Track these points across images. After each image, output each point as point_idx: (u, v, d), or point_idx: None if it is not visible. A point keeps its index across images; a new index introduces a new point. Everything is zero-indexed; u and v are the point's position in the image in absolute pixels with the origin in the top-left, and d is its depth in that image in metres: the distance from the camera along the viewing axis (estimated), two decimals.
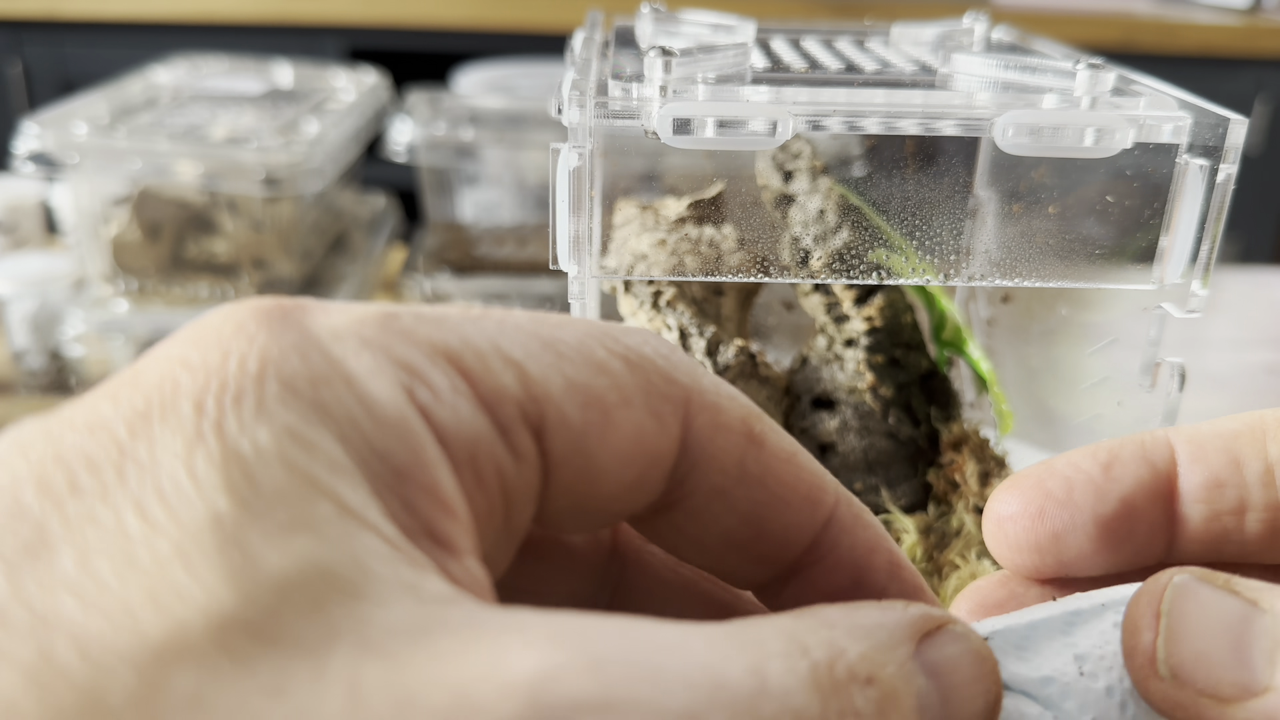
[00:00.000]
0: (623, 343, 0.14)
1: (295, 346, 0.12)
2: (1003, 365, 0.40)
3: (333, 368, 0.12)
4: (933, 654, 0.14)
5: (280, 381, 0.11)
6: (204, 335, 0.12)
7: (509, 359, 0.13)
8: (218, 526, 0.10)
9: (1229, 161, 0.29)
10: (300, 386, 0.12)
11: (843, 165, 0.34)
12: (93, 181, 0.57)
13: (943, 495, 0.35)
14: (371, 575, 0.11)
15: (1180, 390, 0.32)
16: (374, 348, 0.12)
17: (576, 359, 0.13)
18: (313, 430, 0.11)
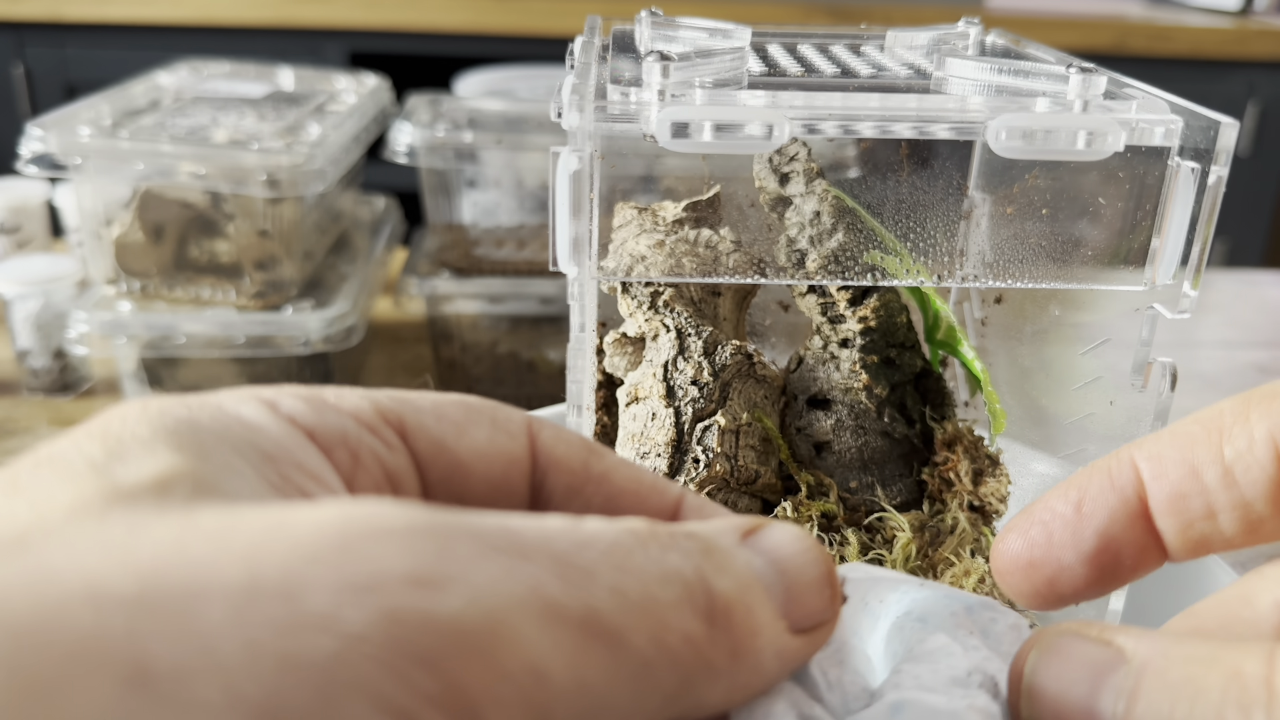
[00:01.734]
0: (457, 401, 0.17)
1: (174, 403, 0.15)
2: (996, 365, 0.41)
3: (205, 402, 0.15)
4: (759, 542, 0.16)
5: (162, 413, 0.14)
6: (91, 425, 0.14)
7: (362, 395, 0.16)
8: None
9: (1219, 164, 0.29)
10: (178, 414, 0.14)
11: (838, 168, 0.34)
12: (96, 183, 0.57)
13: (937, 493, 0.36)
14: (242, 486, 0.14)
15: (1172, 390, 0.32)
16: (240, 396, 0.15)
17: (421, 402, 0.17)
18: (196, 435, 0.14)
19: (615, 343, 0.36)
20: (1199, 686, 0.15)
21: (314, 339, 0.58)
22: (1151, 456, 0.19)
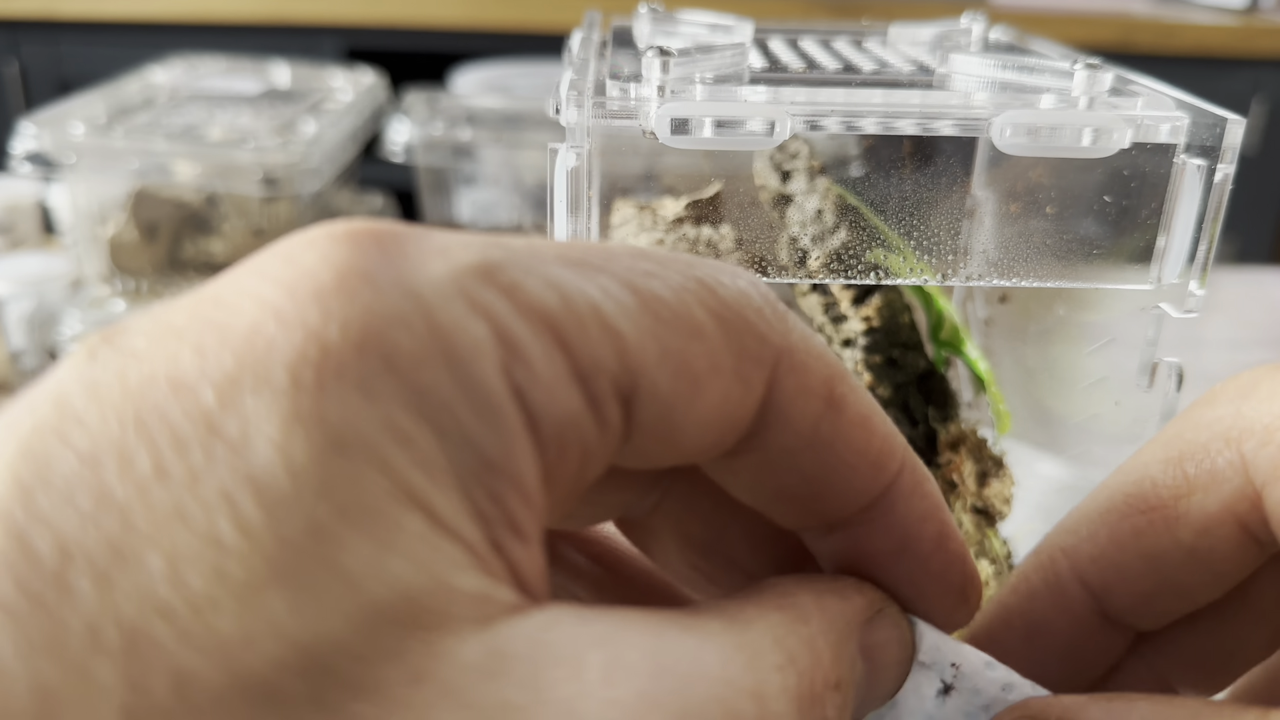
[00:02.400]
0: (721, 298, 0.13)
1: (399, 313, 0.11)
2: (1000, 365, 0.40)
3: (435, 342, 0.11)
4: (869, 638, 0.15)
5: (383, 358, 0.11)
6: (298, 279, 0.11)
7: (608, 327, 0.12)
8: (315, 541, 0.10)
9: (1226, 161, 0.29)
10: (403, 365, 0.11)
11: (840, 165, 0.34)
12: (90, 181, 0.57)
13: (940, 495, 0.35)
14: (452, 595, 0.11)
15: (1178, 390, 0.32)
16: (478, 313, 0.11)
17: (674, 322, 0.13)
18: (412, 422, 0.11)
19: None
20: None
21: None
22: (1099, 562, 0.18)
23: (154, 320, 0.11)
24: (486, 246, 0.12)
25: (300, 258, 0.11)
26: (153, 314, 0.12)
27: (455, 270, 0.12)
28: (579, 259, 0.13)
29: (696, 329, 0.13)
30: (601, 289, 0.12)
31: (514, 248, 0.12)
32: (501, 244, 0.12)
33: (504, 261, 0.12)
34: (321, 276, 0.11)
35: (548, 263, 0.12)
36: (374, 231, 0.12)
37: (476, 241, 0.12)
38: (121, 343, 0.11)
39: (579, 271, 0.12)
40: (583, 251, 0.13)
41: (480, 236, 0.13)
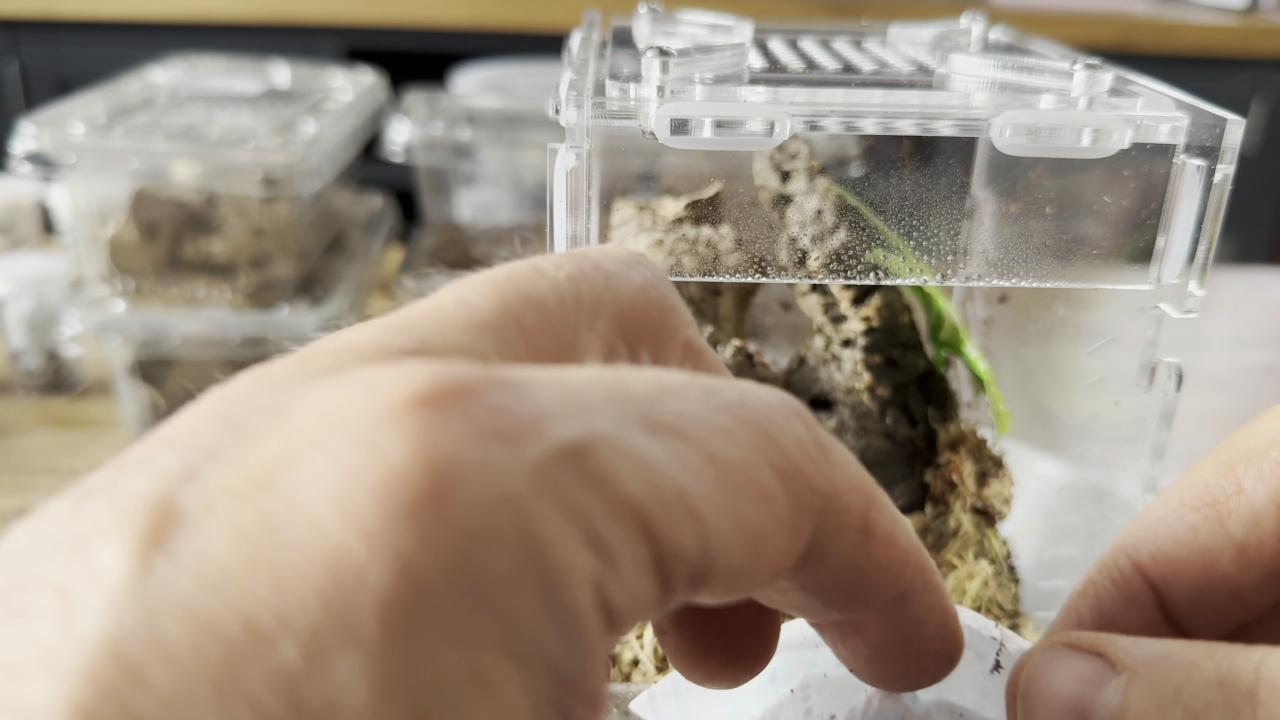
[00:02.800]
0: (783, 450, 0.13)
1: (494, 529, 0.10)
2: (1000, 365, 0.40)
3: (528, 562, 0.11)
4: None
5: (475, 591, 0.10)
6: (384, 481, 0.10)
7: (692, 511, 0.12)
8: None
9: (1226, 162, 0.29)
10: (494, 595, 0.10)
11: (840, 165, 0.34)
12: (90, 181, 0.57)
13: (940, 495, 0.35)
14: None
15: (1177, 390, 0.32)
16: (571, 518, 0.11)
17: (746, 490, 0.13)
18: (496, 662, 0.10)
19: None
20: (1185, 695, 0.15)
21: (310, 339, 0.58)
22: (1158, 558, 0.19)
23: (212, 508, 0.10)
24: (574, 413, 0.12)
25: (381, 443, 0.11)
26: (205, 485, 0.11)
27: (547, 458, 0.11)
28: (661, 422, 0.12)
29: (765, 493, 0.13)
30: (683, 463, 0.12)
31: (599, 409, 0.12)
32: (586, 404, 0.12)
33: (592, 440, 0.11)
34: (411, 478, 0.10)
35: (633, 430, 0.12)
36: (457, 396, 0.11)
37: (562, 402, 0.12)
38: (178, 545, 0.10)
39: (662, 441, 0.12)
40: (664, 407, 0.12)
41: (561, 387, 0.12)
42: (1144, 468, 0.33)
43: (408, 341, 0.13)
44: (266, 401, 0.12)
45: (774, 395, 0.14)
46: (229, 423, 0.12)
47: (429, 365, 0.12)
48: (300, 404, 0.12)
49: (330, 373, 0.13)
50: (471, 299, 0.14)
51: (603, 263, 0.15)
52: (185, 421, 0.12)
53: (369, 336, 0.14)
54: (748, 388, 0.14)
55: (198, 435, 0.12)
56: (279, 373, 0.13)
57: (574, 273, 0.15)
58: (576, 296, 0.15)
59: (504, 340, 0.14)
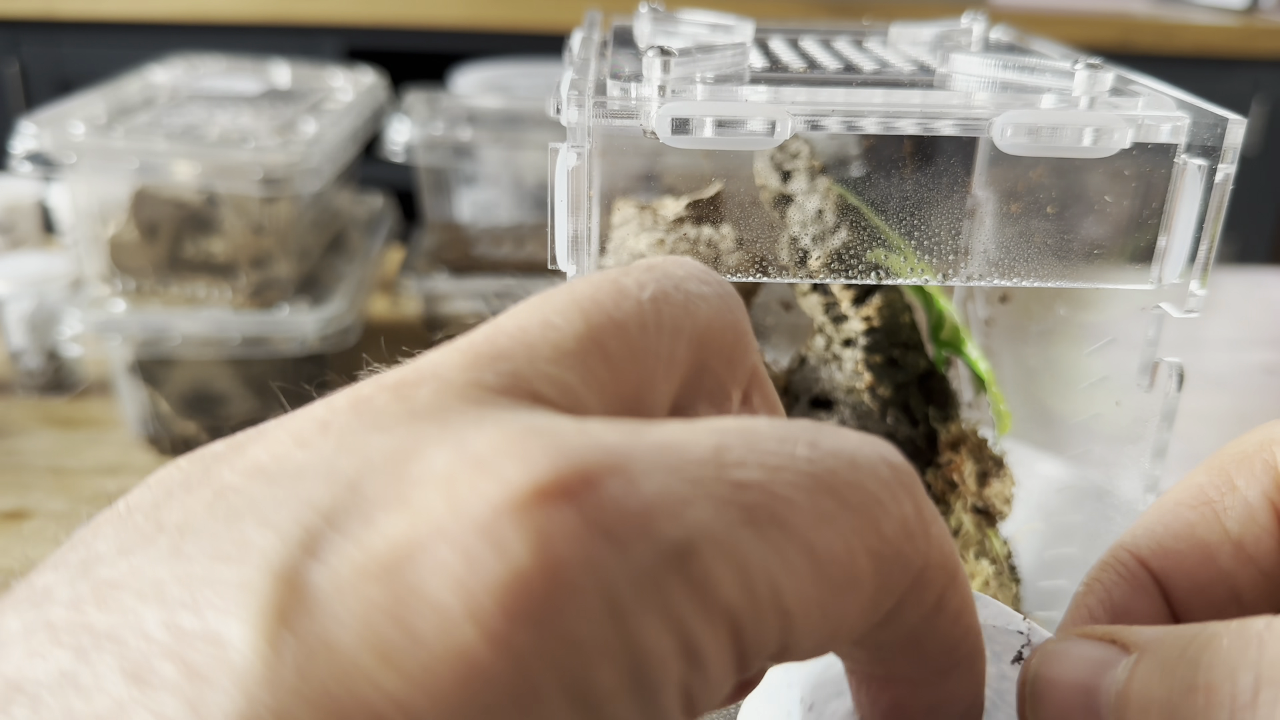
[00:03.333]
0: (883, 535, 0.13)
1: (601, 642, 0.11)
2: (1001, 365, 0.40)
3: (627, 665, 0.11)
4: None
5: (579, 695, 0.11)
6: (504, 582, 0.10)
7: (782, 611, 0.12)
8: None
9: (1227, 161, 0.29)
10: (596, 699, 0.11)
11: (841, 165, 0.34)
12: (90, 181, 0.57)
13: (941, 495, 0.35)
14: None
15: (1178, 390, 0.32)
16: (669, 626, 0.11)
17: (839, 581, 0.13)
18: None
19: None
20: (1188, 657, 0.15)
21: (310, 338, 0.58)
22: (1158, 553, 0.19)
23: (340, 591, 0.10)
24: (682, 505, 0.12)
25: (505, 539, 0.11)
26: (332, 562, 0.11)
27: (654, 562, 0.11)
28: (766, 511, 0.12)
29: (857, 582, 0.13)
30: (782, 559, 0.12)
31: (706, 498, 0.12)
32: (695, 493, 0.12)
33: (697, 543, 0.12)
34: (531, 581, 0.11)
35: (737, 524, 0.12)
36: (574, 489, 0.11)
37: (672, 491, 0.12)
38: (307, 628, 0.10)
39: (764, 535, 0.12)
40: (770, 490, 0.12)
41: (673, 467, 0.12)
42: (1145, 468, 0.33)
43: (500, 379, 0.13)
44: (380, 455, 0.12)
45: (885, 464, 0.13)
46: (345, 481, 0.12)
47: (544, 443, 0.12)
48: (418, 470, 0.12)
49: (438, 420, 0.12)
50: (557, 323, 0.14)
51: (683, 282, 0.15)
52: (289, 457, 0.12)
53: (460, 365, 0.13)
54: (862, 457, 0.13)
55: (311, 490, 0.11)
56: (384, 409, 0.13)
57: (656, 294, 0.15)
58: (658, 320, 0.14)
59: (589, 370, 0.14)
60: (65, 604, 0.11)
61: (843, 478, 0.13)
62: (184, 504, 0.12)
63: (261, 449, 0.12)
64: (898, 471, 0.14)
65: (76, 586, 0.11)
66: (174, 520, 0.12)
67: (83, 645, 0.11)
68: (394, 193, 0.81)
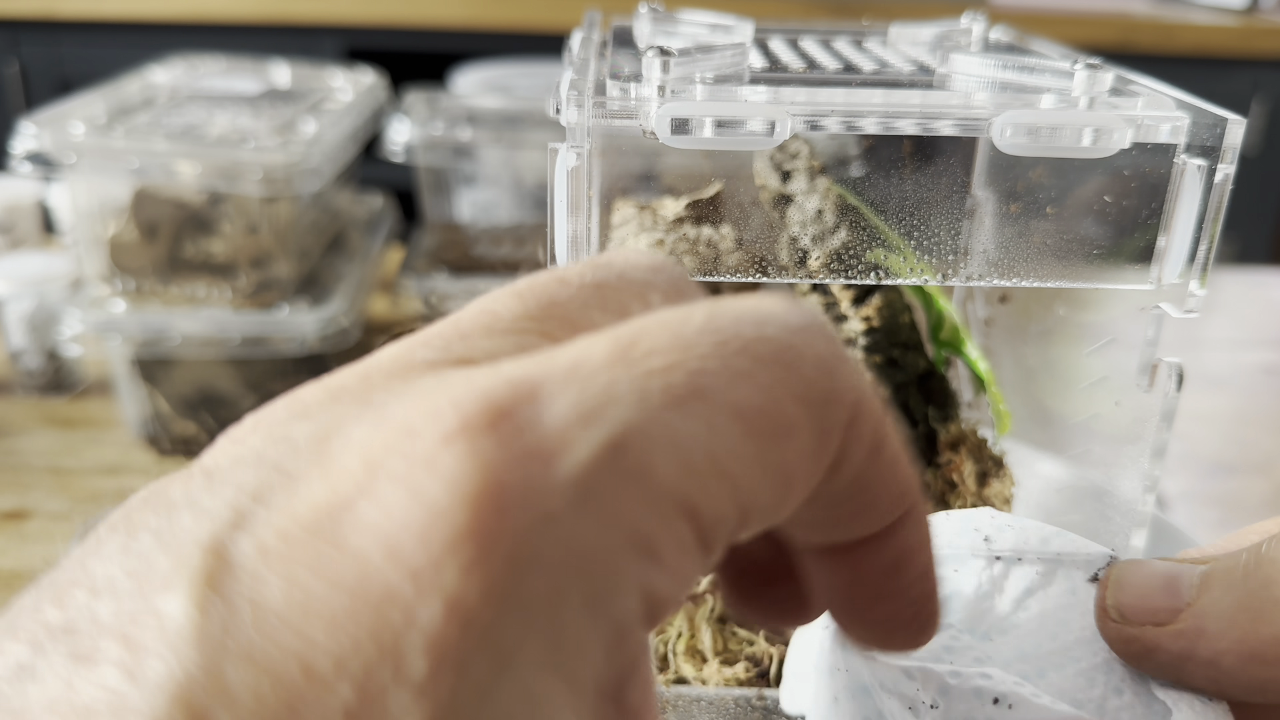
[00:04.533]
0: (805, 377, 0.13)
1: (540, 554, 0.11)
2: (1000, 365, 0.40)
3: (574, 575, 0.11)
4: None
5: (521, 616, 0.11)
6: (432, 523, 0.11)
7: (725, 475, 0.12)
8: None
9: (1227, 161, 0.29)
10: (542, 617, 0.11)
11: (841, 165, 0.34)
12: (90, 181, 0.57)
13: (940, 495, 0.35)
14: None
15: (1178, 390, 0.32)
16: (614, 525, 0.11)
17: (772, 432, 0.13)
18: (545, 683, 0.11)
19: None
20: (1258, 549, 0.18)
21: (310, 339, 0.58)
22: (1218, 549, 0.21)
23: (265, 554, 0.11)
24: (599, 406, 0.12)
25: (420, 485, 0.11)
26: (256, 530, 0.11)
27: (584, 468, 0.11)
28: (683, 388, 0.12)
29: (790, 428, 0.13)
30: (710, 427, 0.12)
31: (621, 393, 0.12)
32: (608, 392, 0.12)
33: (623, 437, 0.12)
34: (452, 515, 0.11)
35: (659, 408, 0.12)
36: (486, 421, 0.11)
37: (585, 397, 0.12)
38: (235, 591, 0.11)
39: (687, 410, 0.12)
40: (682, 369, 0.12)
41: (581, 376, 0.12)
42: (1144, 468, 0.33)
43: (429, 352, 0.13)
44: (304, 439, 0.12)
45: (788, 311, 0.14)
46: (270, 464, 0.12)
47: (452, 390, 0.12)
48: (339, 443, 0.12)
49: (360, 399, 0.13)
50: (494, 308, 0.14)
51: (626, 270, 0.15)
52: (224, 456, 0.13)
53: (393, 353, 0.14)
54: (761, 311, 0.13)
55: (241, 476, 0.12)
56: (311, 400, 0.13)
57: (598, 280, 0.15)
58: (601, 302, 0.15)
59: (524, 341, 0.14)
60: (27, 609, 0.12)
61: (749, 335, 0.13)
62: (135, 511, 0.12)
63: (206, 455, 0.13)
64: (804, 315, 0.14)
65: (39, 594, 0.12)
66: (124, 524, 0.12)
67: (38, 639, 0.11)
68: (394, 193, 0.81)
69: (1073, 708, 0.19)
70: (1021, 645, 0.20)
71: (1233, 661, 0.18)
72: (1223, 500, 0.54)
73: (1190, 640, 0.18)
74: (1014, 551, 0.21)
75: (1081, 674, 0.20)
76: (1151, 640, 0.19)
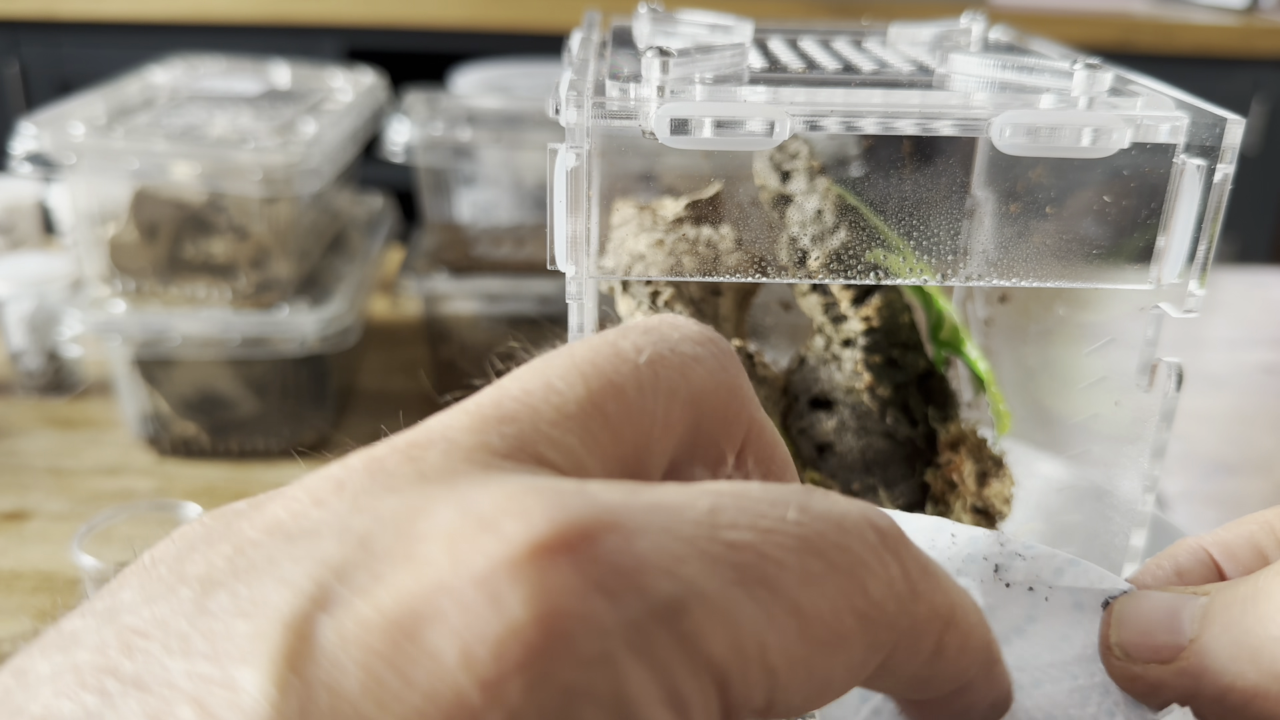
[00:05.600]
0: (871, 598, 0.14)
1: (586, 686, 0.11)
2: (1000, 365, 0.40)
3: (615, 714, 0.11)
4: None
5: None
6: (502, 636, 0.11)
7: (768, 668, 0.13)
8: None
9: (1226, 161, 0.29)
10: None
11: (840, 165, 0.34)
12: (90, 182, 0.57)
13: (940, 495, 0.35)
14: None
15: (1177, 390, 0.32)
16: (656, 676, 0.12)
17: (825, 640, 0.13)
18: None
19: None
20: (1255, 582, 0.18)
21: (310, 339, 0.58)
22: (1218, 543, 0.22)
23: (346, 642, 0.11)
24: (675, 563, 0.12)
25: (502, 594, 0.11)
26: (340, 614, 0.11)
27: (645, 616, 0.12)
28: (756, 572, 0.13)
29: (843, 642, 0.13)
30: (769, 617, 0.13)
31: (699, 557, 0.12)
32: (688, 551, 0.12)
33: (688, 599, 0.12)
34: (525, 634, 0.11)
35: (728, 583, 0.12)
36: (571, 544, 0.12)
37: (666, 549, 0.12)
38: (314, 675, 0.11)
39: (752, 594, 0.13)
40: (759, 552, 0.13)
41: (667, 527, 0.12)
42: (1144, 467, 0.33)
43: (505, 442, 0.14)
44: (389, 514, 0.13)
45: (871, 528, 0.14)
46: (355, 538, 0.12)
47: (545, 502, 0.12)
48: (425, 527, 0.12)
49: (443, 478, 0.13)
50: (559, 387, 0.15)
51: (679, 344, 0.16)
52: (305, 517, 0.13)
53: (468, 428, 0.14)
54: (849, 520, 0.14)
55: (325, 547, 0.12)
56: (393, 468, 0.13)
57: (653, 357, 0.15)
58: (654, 383, 0.15)
59: (589, 433, 0.14)
60: (92, 649, 0.12)
61: (830, 540, 0.13)
62: (206, 557, 0.13)
63: (280, 507, 0.13)
64: (884, 535, 0.14)
65: (103, 633, 0.12)
66: (196, 573, 0.12)
67: (108, 689, 0.11)
68: (394, 193, 0.81)
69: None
70: (1021, 652, 0.20)
71: (1237, 699, 0.18)
72: (1223, 500, 0.54)
73: (1194, 678, 0.19)
74: (1025, 583, 0.21)
75: (1078, 690, 0.20)
76: (1156, 679, 0.19)
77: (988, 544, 0.21)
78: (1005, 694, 0.18)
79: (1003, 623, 0.21)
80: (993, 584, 0.21)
